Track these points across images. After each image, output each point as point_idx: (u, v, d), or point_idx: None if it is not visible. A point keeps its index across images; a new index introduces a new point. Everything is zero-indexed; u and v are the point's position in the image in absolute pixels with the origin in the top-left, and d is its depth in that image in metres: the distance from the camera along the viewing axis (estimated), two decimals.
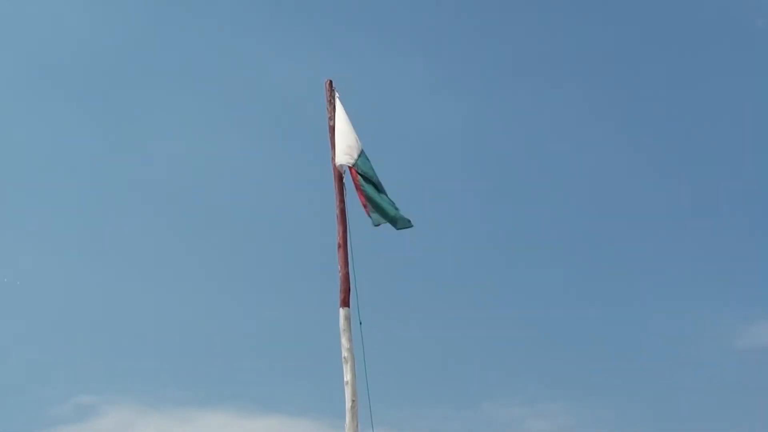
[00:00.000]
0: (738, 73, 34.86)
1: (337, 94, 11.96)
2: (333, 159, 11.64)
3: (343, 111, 11.80)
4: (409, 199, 11.20)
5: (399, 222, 11.29)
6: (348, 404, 10.48)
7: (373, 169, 11.41)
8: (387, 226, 11.31)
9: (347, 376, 10.59)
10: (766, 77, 34.25)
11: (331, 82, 12.08)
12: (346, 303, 10.94)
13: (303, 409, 27.02)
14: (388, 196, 11.33)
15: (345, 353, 10.69)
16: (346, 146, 11.52)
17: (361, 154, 11.50)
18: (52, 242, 31.66)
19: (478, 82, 35.65)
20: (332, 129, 11.78)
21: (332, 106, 11.90)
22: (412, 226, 11.33)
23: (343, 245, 11.25)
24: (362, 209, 11.39)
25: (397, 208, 11.24)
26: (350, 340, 10.75)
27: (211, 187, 33.69)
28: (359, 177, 11.34)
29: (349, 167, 11.42)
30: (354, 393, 10.52)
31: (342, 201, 11.44)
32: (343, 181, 11.54)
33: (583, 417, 28.17)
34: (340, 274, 11.12)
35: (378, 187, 11.34)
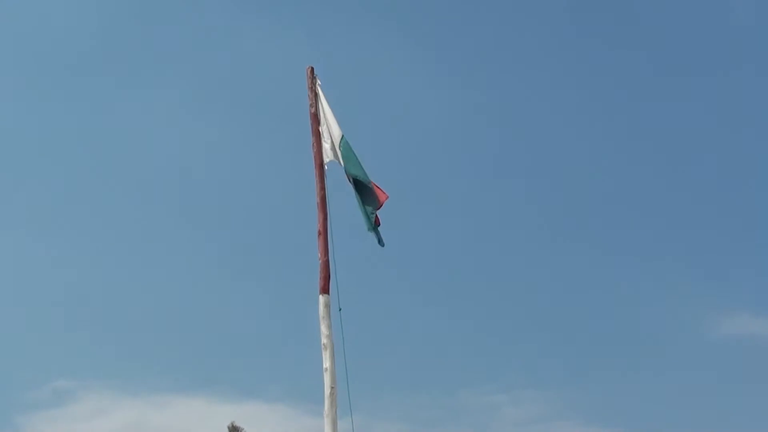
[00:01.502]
0: (737, 66, 35.10)
1: (318, 81, 11.93)
2: (314, 146, 11.64)
3: (325, 98, 11.78)
4: (390, 188, 11.20)
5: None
6: (327, 391, 10.51)
7: (355, 156, 11.39)
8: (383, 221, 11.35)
9: (326, 363, 10.61)
10: (765, 70, 34.48)
11: (312, 69, 12.02)
12: (325, 290, 10.96)
13: (281, 396, 27.10)
14: (370, 183, 11.33)
15: (324, 340, 10.71)
16: (331, 140, 11.55)
17: (342, 143, 11.48)
18: (34, 230, 31.60)
19: (472, 70, 35.72)
20: (313, 116, 11.78)
21: (313, 93, 11.87)
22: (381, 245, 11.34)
23: (324, 232, 11.25)
24: (343, 197, 11.44)
25: (371, 226, 11.26)
26: (329, 327, 10.76)
27: (188, 174, 33.64)
28: (352, 184, 11.36)
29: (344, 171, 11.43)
30: (333, 380, 10.55)
31: (323, 188, 11.44)
32: (324, 168, 11.54)
33: (559, 405, 28.39)
34: (320, 261, 11.13)
35: (361, 184, 11.34)
